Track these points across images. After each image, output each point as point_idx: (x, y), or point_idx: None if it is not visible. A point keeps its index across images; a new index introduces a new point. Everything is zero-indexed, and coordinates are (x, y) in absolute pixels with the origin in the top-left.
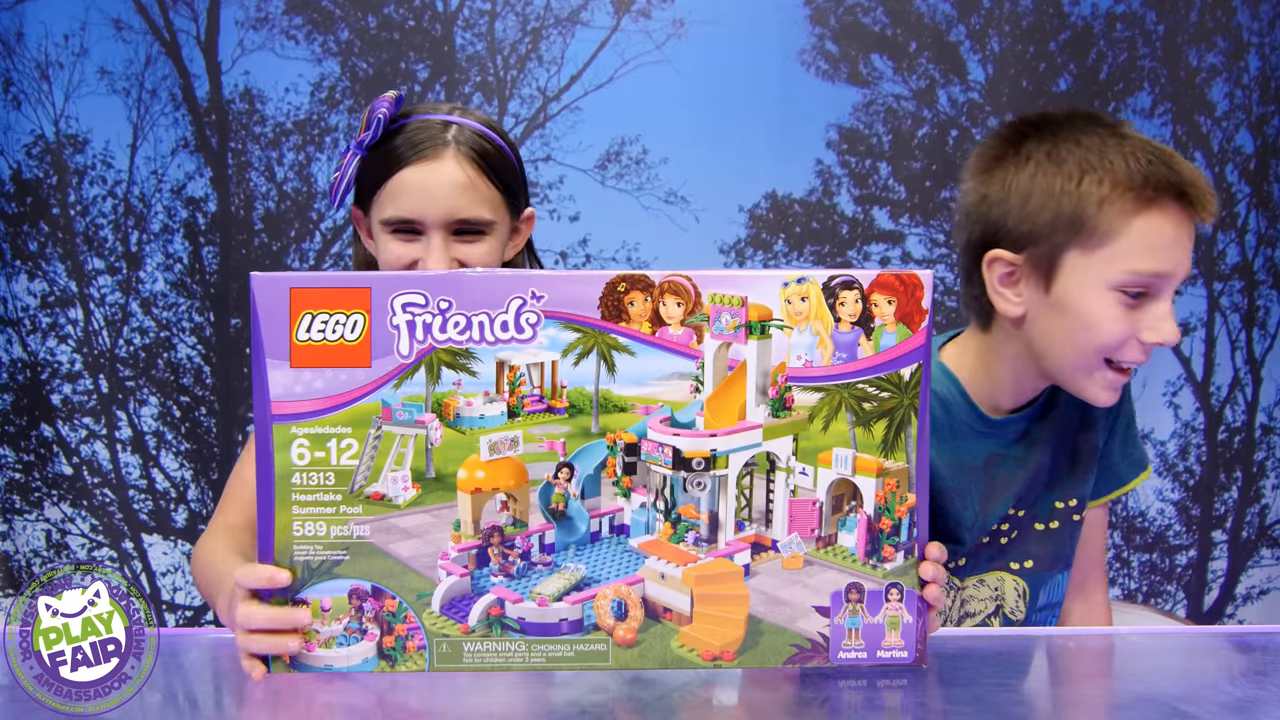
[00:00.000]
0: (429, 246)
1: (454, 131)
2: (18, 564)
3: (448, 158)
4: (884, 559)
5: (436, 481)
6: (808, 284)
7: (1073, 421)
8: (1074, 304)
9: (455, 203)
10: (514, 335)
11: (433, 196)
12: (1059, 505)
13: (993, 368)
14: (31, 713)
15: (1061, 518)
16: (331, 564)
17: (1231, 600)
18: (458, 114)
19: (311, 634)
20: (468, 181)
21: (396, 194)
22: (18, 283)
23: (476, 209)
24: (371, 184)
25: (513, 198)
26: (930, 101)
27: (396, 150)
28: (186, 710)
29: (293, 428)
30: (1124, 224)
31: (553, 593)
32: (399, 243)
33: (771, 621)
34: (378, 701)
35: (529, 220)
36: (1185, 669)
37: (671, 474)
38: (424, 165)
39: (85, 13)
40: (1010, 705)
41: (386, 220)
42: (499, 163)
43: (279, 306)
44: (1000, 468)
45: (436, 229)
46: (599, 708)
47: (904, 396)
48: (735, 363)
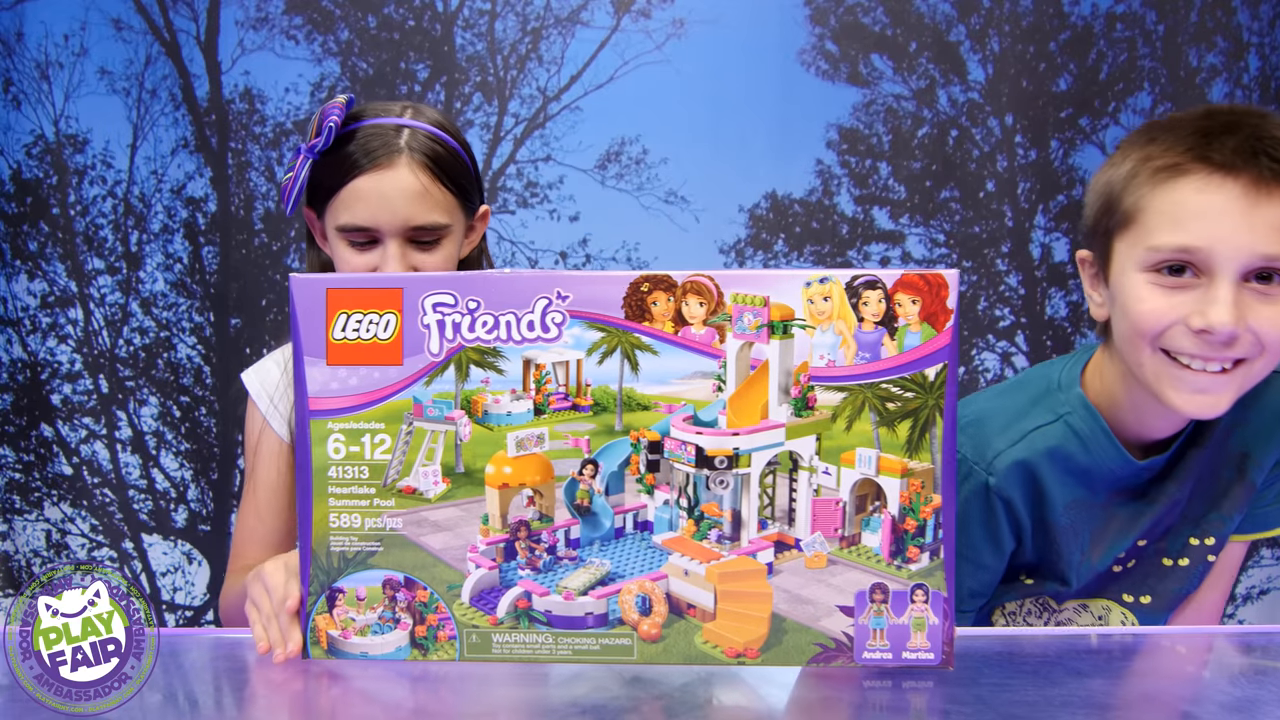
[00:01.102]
0: (385, 255)
1: (406, 137)
2: (18, 564)
3: (401, 165)
4: (909, 560)
5: (465, 476)
6: (830, 284)
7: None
8: (1119, 292)
9: (410, 211)
10: (540, 334)
11: (388, 205)
12: (1194, 542)
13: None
14: (31, 713)
15: (1194, 555)
16: (366, 555)
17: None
18: (410, 115)
19: (348, 622)
20: (421, 189)
21: (351, 202)
22: (18, 283)
23: (431, 215)
24: (325, 190)
25: (466, 199)
26: (930, 101)
27: (350, 157)
28: (186, 710)
29: (329, 423)
30: (1146, 199)
31: (578, 587)
32: (355, 253)
33: (795, 620)
34: (379, 702)
35: (484, 218)
36: (1185, 669)
37: (694, 472)
38: (378, 174)
39: (85, 13)
40: (1010, 705)
41: (341, 227)
42: (452, 166)
43: (316, 306)
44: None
45: (393, 237)
46: (615, 704)
47: (929, 397)
48: (757, 362)
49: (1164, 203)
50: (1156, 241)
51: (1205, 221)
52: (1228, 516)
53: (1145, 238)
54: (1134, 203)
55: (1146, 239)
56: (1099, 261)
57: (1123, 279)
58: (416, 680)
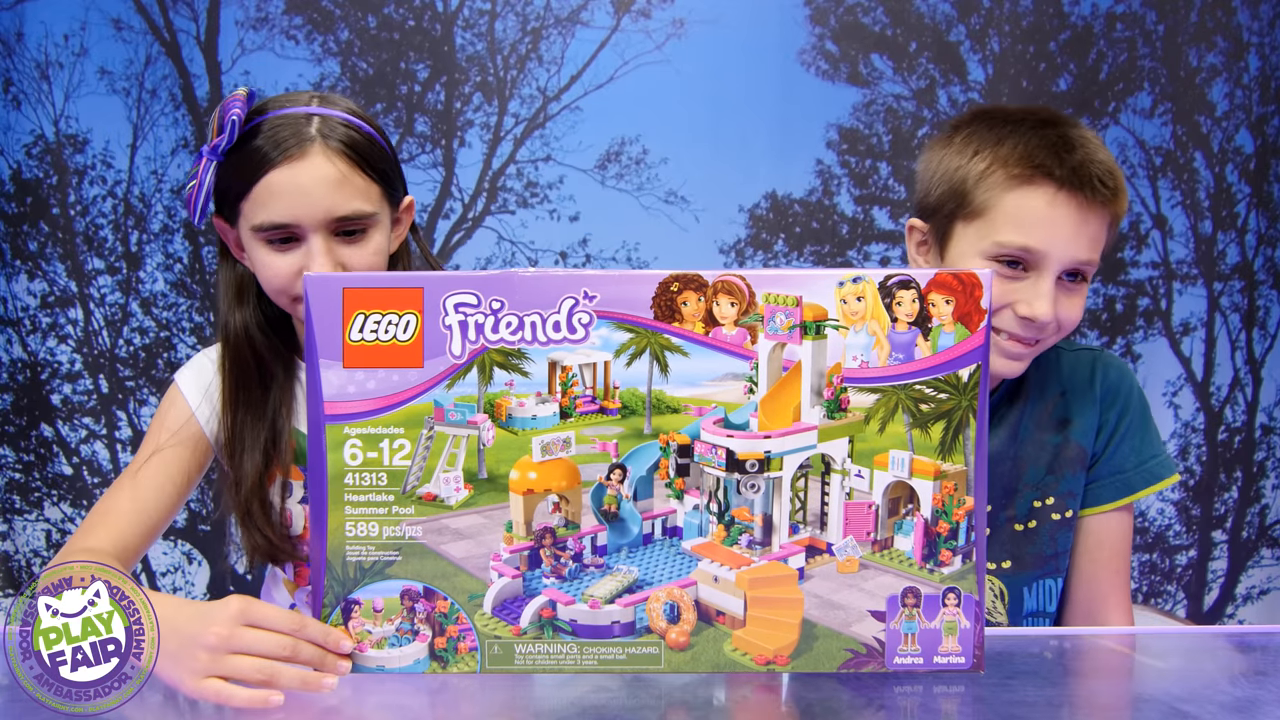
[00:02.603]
0: (310, 252)
1: (318, 124)
2: (18, 564)
3: (315, 153)
4: (941, 563)
5: (489, 482)
6: (864, 283)
7: (1046, 418)
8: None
9: (330, 201)
10: (566, 335)
11: (306, 198)
12: (1037, 504)
13: None
14: (31, 713)
15: (1040, 517)
16: (384, 564)
17: (1231, 600)
18: (317, 103)
19: (364, 635)
20: (340, 176)
21: (265, 200)
22: (18, 283)
23: (353, 203)
24: (236, 192)
25: (389, 187)
26: (930, 101)
27: (259, 151)
28: (186, 710)
29: (345, 428)
30: (997, 198)
31: (605, 595)
32: (276, 254)
33: (826, 626)
34: (379, 702)
35: (409, 209)
36: (1185, 669)
37: (725, 476)
38: (291, 165)
39: (85, 13)
40: (1010, 705)
41: (258, 227)
42: (370, 152)
43: (332, 307)
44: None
45: (315, 232)
46: (647, 709)
47: (962, 398)
48: (790, 363)
49: (1015, 205)
50: (1002, 238)
51: (1047, 229)
52: (1061, 477)
53: (992, 232)
54: (985, 199)
55: (993, 234)
56: (934, 235)
57: (962, 261)
58: (421, 681)
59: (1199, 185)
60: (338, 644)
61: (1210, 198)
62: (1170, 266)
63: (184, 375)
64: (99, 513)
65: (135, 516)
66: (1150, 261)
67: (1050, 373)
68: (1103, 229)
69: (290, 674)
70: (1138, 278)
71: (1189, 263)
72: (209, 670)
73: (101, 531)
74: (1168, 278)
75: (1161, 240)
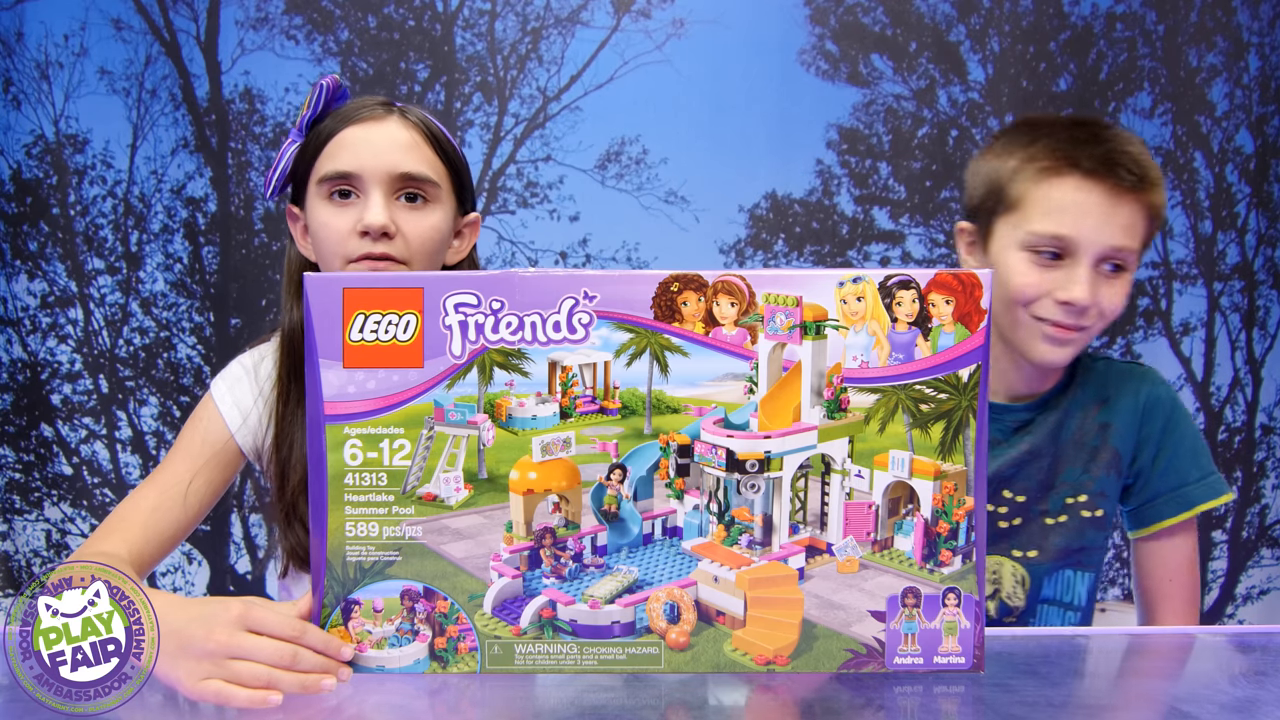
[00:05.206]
0: (368, 203)
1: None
2: (18, 564)
3: (392, 120)
4: (941, 563)
5: (489, 482)
6: (864, 283)
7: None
8: (998, 264)
9: (396, 157)
10: (566, 336)
11: (373, 150)
12: (1069, 501)
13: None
14: (31, 713)
15: (1071, 512)
16: (384, 564)
17: (1231, 600)
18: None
19: (364, 635)
20: (411, 141)
21: (335, 152)
22: (18, 283)
23: (419, 166)
24: (309, 157)
25: (456, 176)
26: (930, 101)
27: (339, 114)
28: (186, 710)
29: (345, 428)
30: (1029, 191)
31: (605, 595)
32: (335, 209)
33: (826, 626)
34: (379, 702)
35: (474, 225)
36: (1185, 669)
37: (725, 476)
38: (366, 125)
39: (85, 13)
40: (1010, 705)
41: (324, 178)
42: (442, 137)
43: (332, 307)
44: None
45: (376, 184)
46: (647, 709)
47: (962, 398)
48: (790, 363)
49: (1045, 195)
50: (1036, 227)
51: (1075, 216)
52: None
53: (1027, 222)
54: (1018, 193)
55: (1027, 224)
56: (979, 234)
57: (1003, 254)
58: (421, 683)
59: (1199, 185)
60: (338, 651)
61: (1210, 198)
62: (1170, 266)
63: (219, 388)
64: (118, 517)
65: (155, 525)
66: (1150, 261)
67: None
68: (1137, 217)
69: (289, 680)
70: (1138, 277)
71: (1189, 263)
72: (209, 674)
73: (117, 537)
74: (1168, 278)
75: (1162, 240)
